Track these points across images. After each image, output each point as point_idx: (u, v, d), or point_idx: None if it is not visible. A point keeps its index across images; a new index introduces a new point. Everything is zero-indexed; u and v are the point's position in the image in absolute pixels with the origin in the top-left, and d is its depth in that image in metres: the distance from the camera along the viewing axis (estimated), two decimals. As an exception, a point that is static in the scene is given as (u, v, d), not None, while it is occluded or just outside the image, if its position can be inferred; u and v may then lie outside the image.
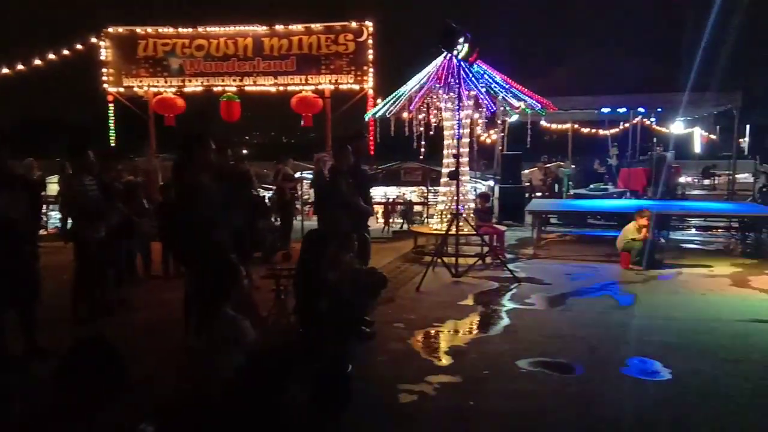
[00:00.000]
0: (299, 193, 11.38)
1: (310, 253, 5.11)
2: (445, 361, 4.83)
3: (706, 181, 25.33)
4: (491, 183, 15.39)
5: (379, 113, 9.22)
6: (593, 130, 19.55)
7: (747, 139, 17.22)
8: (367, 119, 9.38)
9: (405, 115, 9.02)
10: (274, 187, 11.38)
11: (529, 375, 4.53)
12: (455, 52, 7.63)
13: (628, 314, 6.26)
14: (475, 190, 12.51)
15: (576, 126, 19.32)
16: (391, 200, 15.38)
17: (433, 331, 5.63)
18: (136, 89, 14.35)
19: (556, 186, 16.79)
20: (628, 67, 12.82)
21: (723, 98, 12.27)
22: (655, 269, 8.29)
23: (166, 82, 14.21)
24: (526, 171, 18.72)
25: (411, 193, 17.21)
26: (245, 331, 3.77)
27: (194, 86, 14.18)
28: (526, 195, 14.93)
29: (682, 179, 22.89)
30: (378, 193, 15.98)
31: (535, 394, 4.16)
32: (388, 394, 4.14)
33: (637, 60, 13.68)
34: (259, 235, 7.64)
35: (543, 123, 19.41)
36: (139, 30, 14.23)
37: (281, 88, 13.97)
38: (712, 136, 22.50)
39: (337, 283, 4.97)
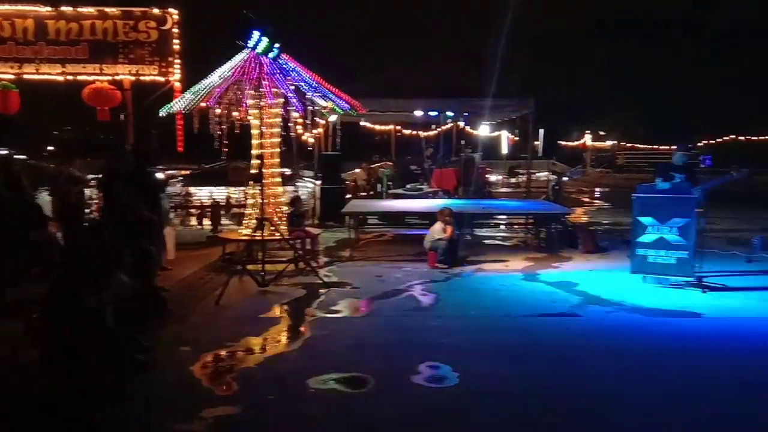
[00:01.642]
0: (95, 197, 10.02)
1: (66, 272, 4.30)
2: (228, 388, 4.35)
3: (512, 180, 27.98)
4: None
5: (176, 108, 8.38)
6: (414, 132, 20.35)
7: (540, 141, 19.11)
8: (162, 114, 8.48)
9: (218, 111, 8.32)
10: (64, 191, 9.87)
11: (318, 396, 4.24)
12: (251, 45, 7.13)
13: (428, 316, 6.32)
14: (294, 192, 12.14)
15: (397, 127, 19.96)
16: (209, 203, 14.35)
17: (223, 353, 5.10)
18: None
19: (379, 186, 17.11)
20: (439, 75, 13.44)
21: (520, 104, 13.34)
22: (458, 267, 8.62)
23: None
24: (357, 170, 18.90)
25: (240, 194, 16.28)
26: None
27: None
28: (349, 195, 14.94)
29: (492, 178, 24.93)
30: (203, 194, 14.92)
31: (317, 419, 3.87)
32: (150, 438, 3.56)
33: (447, 68, 14.44)
34: (31, 247, 6.48)
35: (367, 124, 19.79)
36: None
37: (70, 78, 12.26)
38: (517, 138, 24.80)
39: (98, 309, 4.22)
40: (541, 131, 18.63)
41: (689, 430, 3.81)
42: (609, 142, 40.09)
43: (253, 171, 8.43)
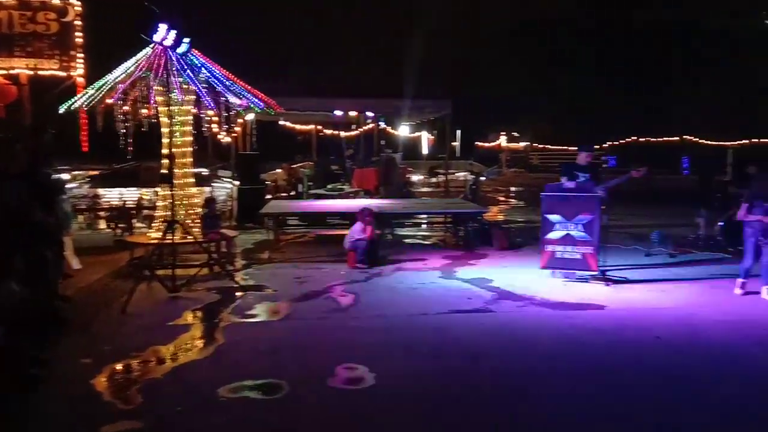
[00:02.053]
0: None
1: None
2: (132, 401, 4.11)
3: (433, 180, 28.51)
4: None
5: (77, 105, 7.86)
6: (335, 132, 20.27)
7: (458, 142, 19.58)
8: (62, 111, 7.93)
9: (126, 108, 7.88)
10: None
11: (230, 405, 4.10)
12: (158, 39, 6.81)
13: (346, 316, 6.29)
14: (210, 193, 11.72)
15: (319, 127, 19.80)
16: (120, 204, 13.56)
17: (128, 364, 4.82)
18: None
19: (300, 186, 16.90)
20: (360, 74, 13.45)
21: (439, 105, 13.59)
22: (378, 266, 8.65)
23: None
24: (278, 170, 18.55)
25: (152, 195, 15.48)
26: None
27: None
28: (269, 196, 14.65)
29: (413, 178, 25.29)
30: (112, 196, 14.08)
31: (228, 429, 3.74)
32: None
33: (368, 68, 14.49)
34: None
35: (287, 124, 19.50)
36: None
37: (-43, 71, 11.23)
38: (432, 138, 25.31)
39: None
40: (459, 132, 19.12)
41: (595, 419, 3.99)
42: (523, 143, 41.74)
43: (163, 171, 8.05)
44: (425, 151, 28.48)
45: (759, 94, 26.91)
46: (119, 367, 4.75)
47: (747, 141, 29.89)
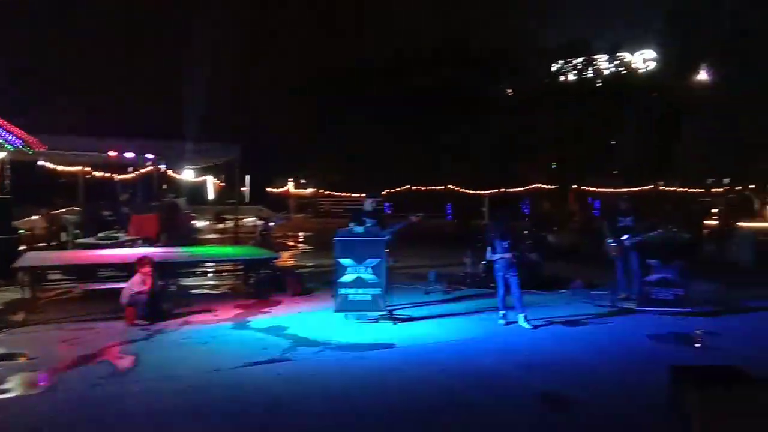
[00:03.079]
0: None
1: None
2: None
3: (220, 225, 27.55)
4: None
5: None
6: (108, 175, 18.42)
7: (247, 187, 19.35)
8: None
9: None
10: None
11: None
12: None
13: (125, 381, 5.61)
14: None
15: (87, 169, 17.80)
16: None
17: None
18: None
19: (64, 235, 14.88)
20: (138, 114, 12.54)
21: (225, 150, 13.27)
22: (161, 321, 7.94)
23: None
24: (35, 217, 16.06)
25: None
26: None
27: None
28: (23, 247, 12.61)
29: (199, 224, 24.11)
30: None
31: None
32: None
33: (147, 107, 13.59)
34: None
35: (47, 164, 17.14)
36: None
37: None
38: (222, 184, 24.60)
39: None
40: (248, 177, 18.88)
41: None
42: (310, 189, 42.93)
43: None
44: (210, 196, 27.49)
45: (511, 150, 31.57)
46: None
47: (497, 190, 34.93)
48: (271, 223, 25.84)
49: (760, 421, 2.25)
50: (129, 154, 12.46)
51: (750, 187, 28.29)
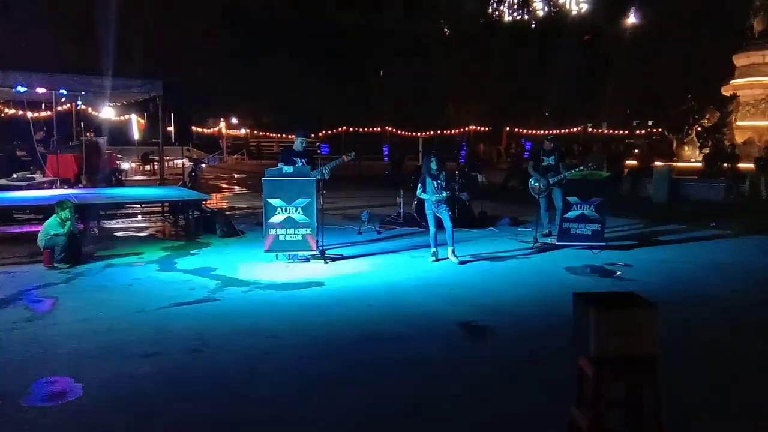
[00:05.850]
0: None
1: None
2: None
3: (147, 167, 26.48)
4: None
5: None
6: (20, 112, 17.13)
7: (172, 127, 18.55)
8: None
9: None
10: None
11: None
12: None
13: (42, 325, 5.43)
14: None
15: (-3, 106, 16.53)
16: None
17: None
18: None
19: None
20: (48, 46, 11.58)
21: (146, 86, 12.56)
22: (83, 264, 7.67)
23: None
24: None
25: None
26: None
27: None
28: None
29: (125, 165, 23.07)
30: None
31: None
32: None
33: (57, 40, 12.56)
34: None
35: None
36: None
37: None
38: (144, 122, 23.44)
39: None
40: (173, 116, 18.04)
41: (320, 382, 4.22)
42: (243, 130, 41.72)
43: None
44: (135, 136, 26.21)
45: (442, 91, 31.62)
46: None
47: (432, 132, 35.19)
48: (203, 164, 25.13)
49: (635, 337, 2.60)
50: (40, 89, 11.58)
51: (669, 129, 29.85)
